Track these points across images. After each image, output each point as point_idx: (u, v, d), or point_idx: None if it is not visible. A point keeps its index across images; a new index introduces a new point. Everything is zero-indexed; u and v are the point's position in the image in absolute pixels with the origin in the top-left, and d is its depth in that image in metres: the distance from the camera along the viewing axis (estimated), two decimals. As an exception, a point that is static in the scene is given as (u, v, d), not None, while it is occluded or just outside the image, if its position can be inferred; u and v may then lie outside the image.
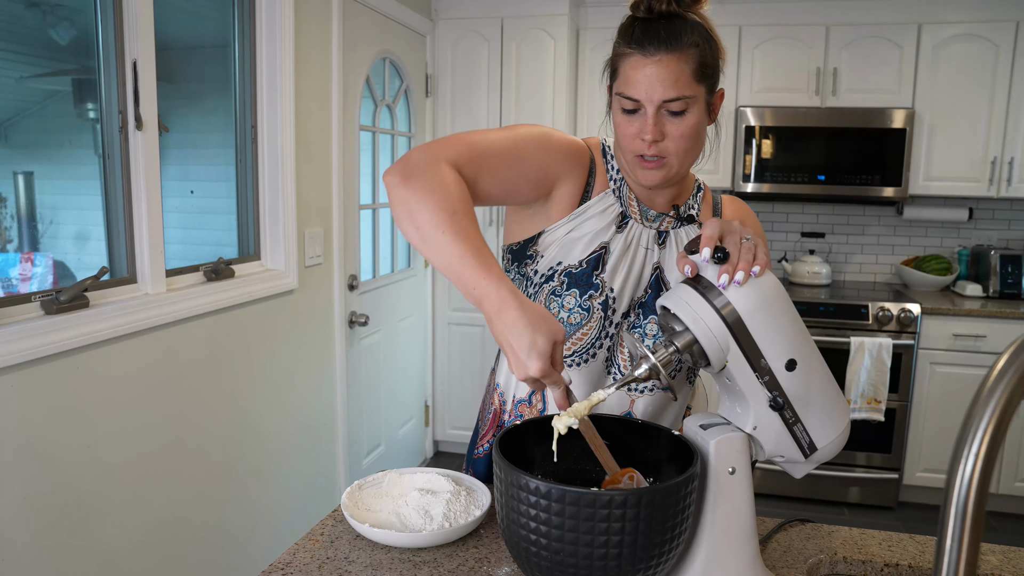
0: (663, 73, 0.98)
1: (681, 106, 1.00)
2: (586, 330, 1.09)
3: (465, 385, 3.71)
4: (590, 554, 0.76)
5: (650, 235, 1.13)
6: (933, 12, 3.30)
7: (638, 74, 1.00)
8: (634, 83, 1.00)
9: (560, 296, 1.09)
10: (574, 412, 0.88)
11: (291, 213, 2.37)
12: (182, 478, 1.95)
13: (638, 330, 1.11)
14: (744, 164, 3.47)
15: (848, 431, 0.93)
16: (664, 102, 1.00)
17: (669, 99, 0.99)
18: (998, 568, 1.00)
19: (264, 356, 2.28)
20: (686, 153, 1.04)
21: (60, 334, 1.55)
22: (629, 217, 1.12)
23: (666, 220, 1.14)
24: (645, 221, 1.13)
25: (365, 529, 0.99)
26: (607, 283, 1.09)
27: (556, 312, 1.09)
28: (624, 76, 1.02)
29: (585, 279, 1.09)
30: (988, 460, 0.50)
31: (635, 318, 1.12)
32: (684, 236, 1.15)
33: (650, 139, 1.01)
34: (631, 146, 1.05)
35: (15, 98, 1.78)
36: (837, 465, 3.33)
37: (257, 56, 2.27)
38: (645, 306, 1.12)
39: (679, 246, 1.14)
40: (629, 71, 1.01)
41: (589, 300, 1.08)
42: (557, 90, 3.41)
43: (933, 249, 3.76)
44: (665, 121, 1.01)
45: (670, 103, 1.00)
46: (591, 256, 1.09)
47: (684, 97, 1.00)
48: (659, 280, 1.12)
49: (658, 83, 0.99)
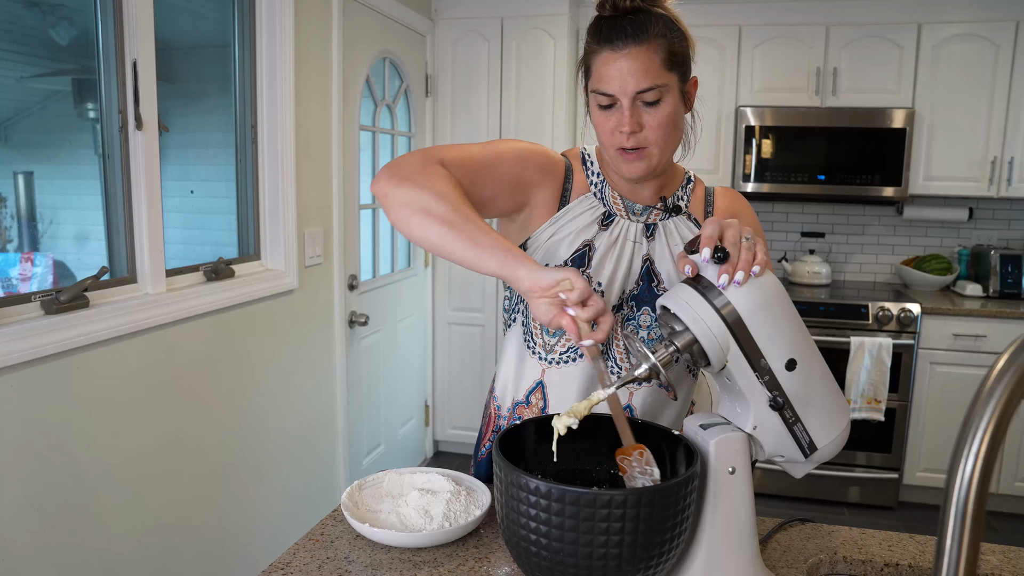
0: (634, 65, 1.01)
1: (655, 95, 1.03)
2: None
3: (465, 385, 3.71)
4: (590, 554, 0.76)
5: (638, 228, 1.15)
6: (933, 12, 3.30)
7: (610, 69, 1.03)
8: (607, 78, 1.03)
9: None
10: (574, 412, 0.88)
11: (291, 213, 2.37)
12: (182, 478, 1.95)
13: (631, 322, 1.12)
14: (744, 164, 3.47)
15: (848, 431, 0.93)
16: (638, 93, 1.02)
17: (642, 89, 1.02)
18: (998, 568, 1.00)
19: (264, 356, 2.28)
20: (665, 142, 1.07)
21: (60, 334, 1.55)
22: (614, 215, 1.14)
23: (653, 213, 1.16)
24: (631, 216, 1.15)
25: (365, 529, 0.99)
26: (594, 278, 1.11)
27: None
28: (597, 73, 1.05)
29: None
30: (988, 460, 0.50)
31: (628, 311, 1.13)
32: (673, 227, 1.16)
33: (628, 131, 1.04)
34: (611, 141, 1.07)
35: (15, 98, 1.78)
36: (837, 465, 3.33)
37: (257, 56, 2.27)
38: (637, 298, 1.13)
39: (668, 237, 1.15)
40: (601, 67, 1.04)
41: None
42: (557, 90, 3.41)
43: (933, 249, 3.76)
44: (641, 112, 1.04)
45: (644, 93, 1.02)
46: (576, 254, 1.12)
47: (657, 86, 1.02)
48: (650, 272, 1.13)
49: (630, 75, 1.01)
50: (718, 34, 3.47)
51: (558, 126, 3.42)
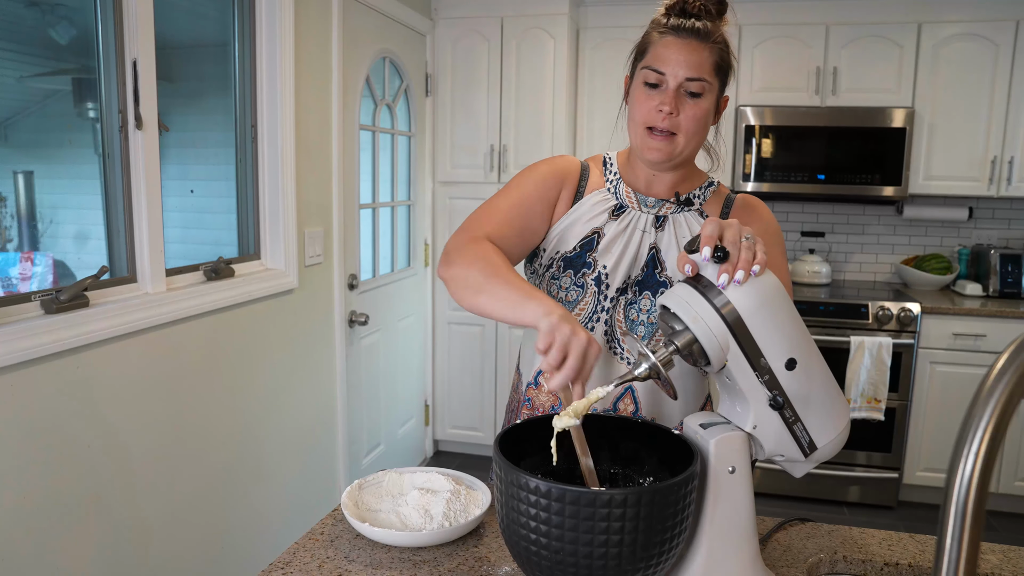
0: (692, 56, 1.09)
1: (700, 88, 1.10)
2: (582, 305, 1.17)
3: (465, 384, 3.71)
4: (590, 553, 0.76)
5: (648, 219, 1.19)
6: (933, 11, 3.30)
7: (669, 51, 1.10)
8: (664, 59, 1.10)
9: (558, 279, 1.19)
10: (574, 411, 0.88)
11: (291, 212, 2.37)
12: (182, 478, 1.95)
13: (633, 306, 1.16)
14: (744, 163, 3.47)
15: (848, 430, 0.93)
16: (687, 79, 1.09)
17: (692, 78, 1.09)
18: (998, 568, 1.00)
19: (264, 356, 2.28)
20: (693, 135, 1.13)
21: (60, 333, 1.55)
22: (626, 206, 1.20)
23: (666, 206, 1.20)
24: (643, 208, 1.20)
25: (365, 528, 0.99)
26: (599, 261, 1.17)
27: (555, 293, 1.19)
28: (654, 53, 1.12)
29: (579, 260, 1.18)
30: (988, 459, 0.50)
31: (632, 295, 1.17)
32: (683, 220, 1.19)
33: (668, 110, 1.10)
34: (647, 118, 1.12)
35: (15, 97, 1.78)
36: (837, 464, 3.33)
37: (257, 55, 2.27)
38: (641, 283, 1.17)
39: (677, 229, 1.19)
40: (660, 49, 1.11)
41: (583, 278, 1.17)
42: (557, 90, 3.41)
43: (933, 248, 3.76)
44: (682, 100, 1.11)
45: (691, 82, 1.09)
46: (584, 240, 1.18)
47: (704, 80, 1.10)
48: (655, 259, 1.17)
49: (685, 62, 1.09)
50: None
51: (558, 126, 3.42)
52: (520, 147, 3.48)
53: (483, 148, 3.52)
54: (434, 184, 3.61)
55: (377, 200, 3.16)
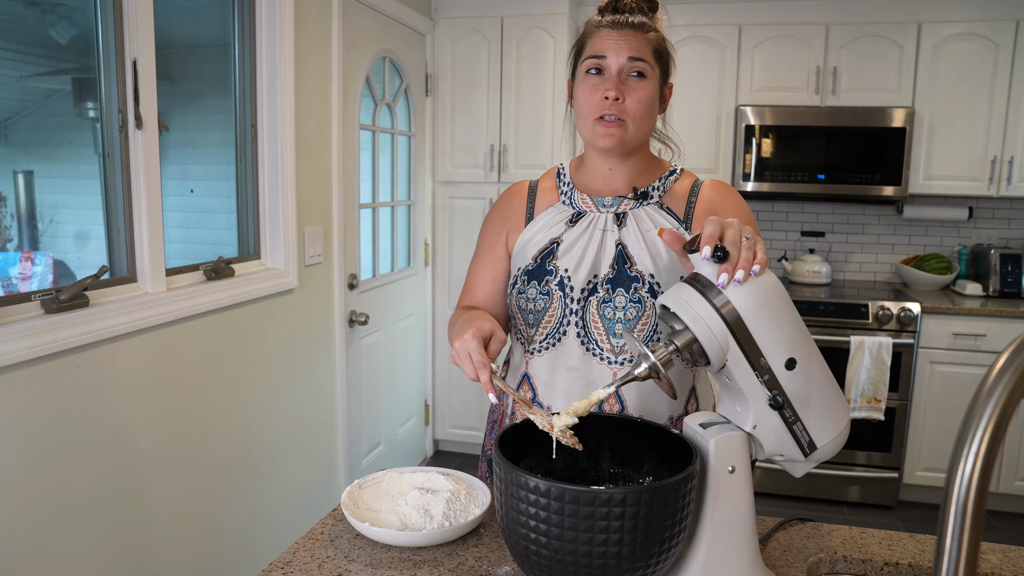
0: (630, 42, 1.14)
1: (642, 68, 1.13)
2: (551, 312, 1.19)
3: (465, 384, 3.71)
4: (590, 552, 0.76)
5: (608, 218, 1.21)
6: (933, 11, 3.30)
7: (607, 40, 1.14)
8: (602, 47, 1.15)
9: (524, 292, 1.21)
10: (574, 411, 0.88)
11: (291, 212, 2.37)
12: (182, 477, 1.95)
13: (608, 304, 1.16)
14: (744, 163, 3.47)
15: (848, 430, 0.93)
16: (629, 59, 1.13)
17: (633, 57, 1.13)
18: (998, 567, 1.00)
19: (264, 355, 2.28)
20: (642, 120, 1.15)
21: (60, 333, 1.55)
22: (583, 212, 1.22)
23: (624, 202, 1.21)
24: (600, 209, 1.22)
25: (365, 528, 0.99)
26: (560, 266, 1.19)
27: (525, 306, 1.21)
28: (592, 45, 1.16)
29: (540, 270, 1.21)
30: (988, 459, 0.50)
31: (604, 293, 1.17)
32: (643, 215, 1.20)
33: (614, 95, 1.12)
34: (594, 109, 1.15)
35: (15, 97, 1.78)
36: (837, 464, 3.33)
37: (257, 55, 2.27)
38: (613, 281, 1.17)
39: (639, 223, 1.19)
40: (598, 41, 1.16)
41: (547, 285, 1.20)
42: (557, 89, 3.41)
43: (933, 248, 3.76)
44: (626, 84, 1.14)
45: (633, 62, 1.13)
46: (543, 251, 1.21)
47: (645, 61, 1.14)
48: (623, 255, 1.18)
49: (626, 45, 1.13)
50: (718, 33, 3.47)
51: (558, 125, 3.42)
52: (520, 147, 3.48)
53: (483, 148, 3.53)
54: (434, 184, 3.61)
55: (377, 200, 3.16)
